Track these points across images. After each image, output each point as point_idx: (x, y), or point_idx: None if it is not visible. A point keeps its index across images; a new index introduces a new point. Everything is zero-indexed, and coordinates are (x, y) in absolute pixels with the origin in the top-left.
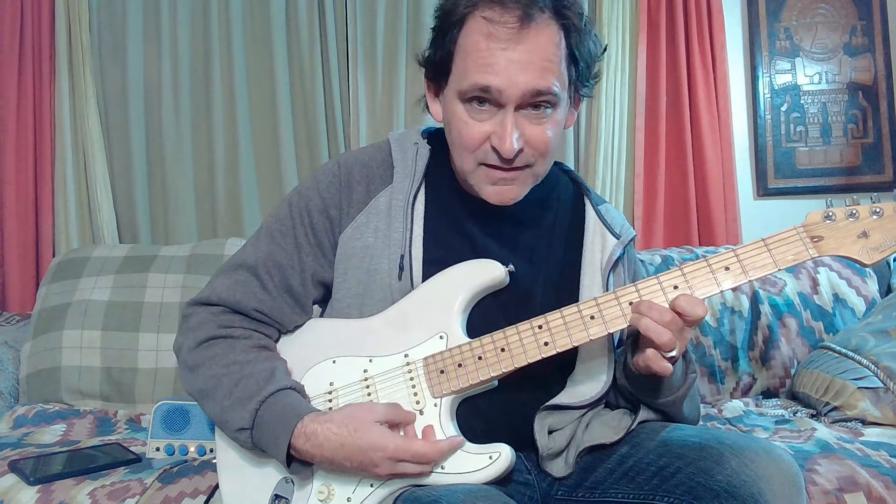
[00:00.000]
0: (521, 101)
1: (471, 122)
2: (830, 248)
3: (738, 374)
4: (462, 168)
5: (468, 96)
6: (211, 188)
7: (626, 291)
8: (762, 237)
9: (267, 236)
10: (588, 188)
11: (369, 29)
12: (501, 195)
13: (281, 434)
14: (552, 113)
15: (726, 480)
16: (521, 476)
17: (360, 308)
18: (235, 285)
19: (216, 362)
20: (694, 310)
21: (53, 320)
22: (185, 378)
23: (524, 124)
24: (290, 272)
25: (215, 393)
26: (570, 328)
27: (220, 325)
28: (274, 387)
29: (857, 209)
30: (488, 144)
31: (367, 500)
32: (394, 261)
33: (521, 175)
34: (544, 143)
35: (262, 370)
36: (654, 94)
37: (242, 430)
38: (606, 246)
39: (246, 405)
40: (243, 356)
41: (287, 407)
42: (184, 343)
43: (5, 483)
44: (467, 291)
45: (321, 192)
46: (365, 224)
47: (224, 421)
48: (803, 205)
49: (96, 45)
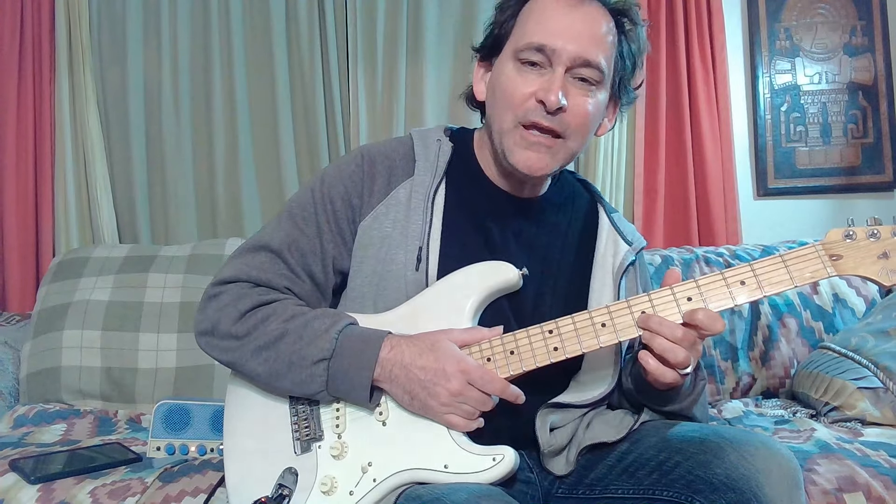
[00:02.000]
0: (572, 64)
1: (519, 79)
2: (849, 267)
3: (738, 374)
4: (500, 128)
5: (522, 56)
6: (211, 188)
7: (638, 301)
8: (780, 252)
9: (289, 220)
10: (601, 197)
11: (369, 29)
12: (531, 161)
13: (368, 353)
14: (595, 91)
15: (725, 474)
16: (522, 475)
17: (375, 298)
18: (262, 265)
19: (275, 318)
20: (713, 325)
21: (53, 320)
22: (228, 349)
23: (570, 90)
24: (312, 258)
25: (282, 341)
26: (580, 335)
27: (260, 293)
28: (348, 320)
29: (878, 229)
30: (533, 101)
31: (370, 495)
32: (411, 252)
33: (556, 144)
34: (583, 115)
35: (328, 312)
36: (654, 94)
37: (321, 361)
38: (618, 252)
39: (324, 336)
40: (299, 309)
41: (367, 332)
42: (220, 319)
43: (6, 482)
44: (480, 293)
45: (344, 180)
46: (384, 214)
47: (296, 361)
48: (803, 205)
49: (96, 45)
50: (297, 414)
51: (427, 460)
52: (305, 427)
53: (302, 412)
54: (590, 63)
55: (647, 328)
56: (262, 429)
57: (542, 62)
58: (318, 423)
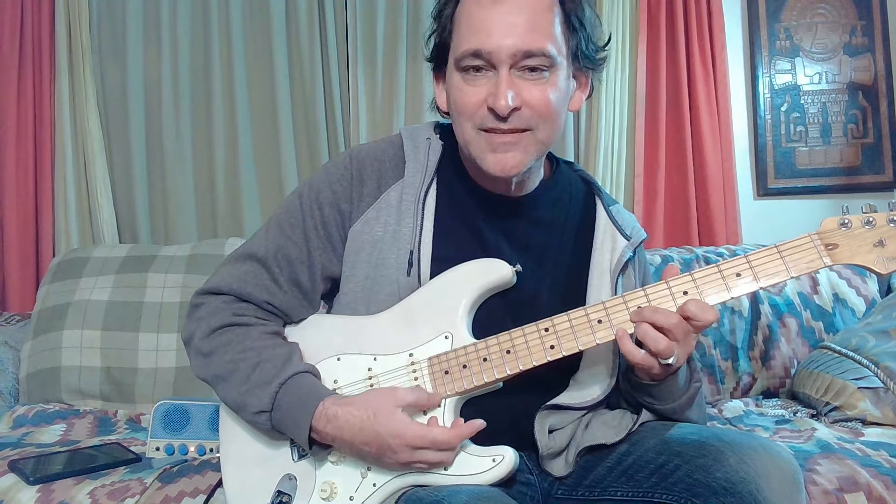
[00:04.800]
0: (514, 61)
1: (467, 87)
2: (845, 256)
3: (738, 374)
4: (463, 139)
5: (463, 64)
6: (211, 188)
7: (634, 295)
8: (775, 243)
9: (276, 228)
10: (600, 188)
11: (369, 29)
12: (503, 163)
13: (301, 416)
14: (550, 76)
15: (725, 478)
16: (522, 476)
17: (367, 303)
18: (245, 276)
19: (231, 348)
20: (704, 315)
21: (53, 320)
22: (198, 364)
23: (521, 85)
24: (299, 266)
25: (232, 377)
26: (577, 332)
27: (234, 312)
28: (293, 370)
29: (873, 217)
30: (485, 108)
31: (370, 499)
32: (402, 256)
33: (523, 139)
34: (544, 104)
35: (279, 354)
36: (654, 94)
37: (262, 412)
38: (616, 248)
39: (265, 388)
40: (259, 342)
41: (307, 389)
42: (195, 331)
43: (5, 483)
44: (473, 291)
45: (332, 186)
46: (375, 218)
47: (242, 404)
48: (803, 205)
49: (96, 45)
50: None
51: None
52: None
53: None
54: (532, 53)
55: (640, 315)
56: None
57: (485, 65)
58: None
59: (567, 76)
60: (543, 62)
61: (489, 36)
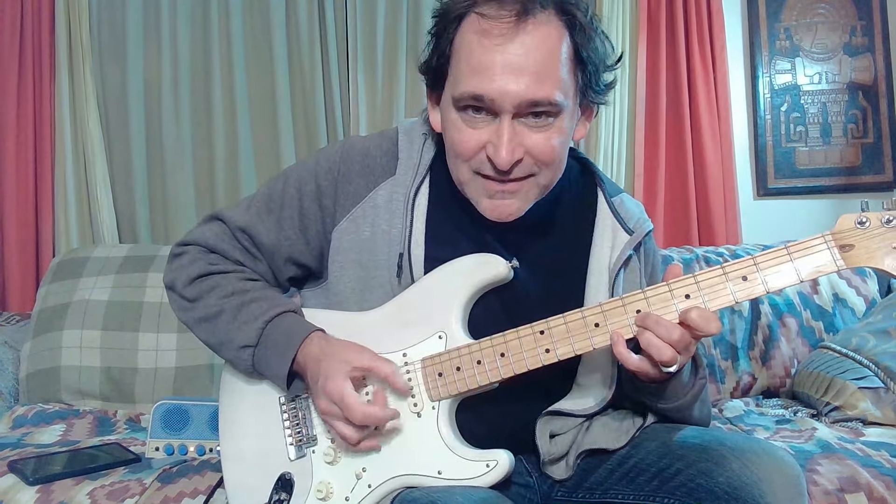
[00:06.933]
0: (518, 110)
1: (465, 129)
2: (861, 259)
3: (739, 374)
4: (458, 178)
5: (462, 104)
6: (211, 188)
7: (633, 298)
8: (784, 243)
9: (256, 206)
10: (603, 178)
11: (369, 29)
12: (499, 210)
13: (287, 349)
14: (555, 122)
15: (727, 482)
16: (521, 478)
17: (360, 303)
18: (221, 235)
19: (216, 293)
20: (707, 326)
21: (53, 320)
22: (182, 308)
23: (524, 133)
24: (264, 248)
25: (219, 318)
26: (573, 335)
27: (210, 262)
28: (280, 309)
29: (893, 215)
30: (484, 153)
31: (365, 500)
32: (392, 259)
33: (524, 186)
34: (548, 153)
35: (263, 296)
36: (654, 94)
37: (246, 347)
38: (617, 244)
39: (252, 324)
40: (241, 285)
41: (293, 326)
42: (176, 279)
43: (5, 483)
44: (468, 289)
45: (318, 179)
46: (362, 217)
47: (227, 340)
48: (803, 205)
49: (96, 45)
50: (289, 416)
51: (421, 466)
52: (297, 430)
53: (293, 414)
54: (538, 102)
55: (644, 326)
56: (257, 432)
57: (486, 108)
58: (310, 425)
59: (572, 114)
60: (551, 109)
61: (492, 81)
